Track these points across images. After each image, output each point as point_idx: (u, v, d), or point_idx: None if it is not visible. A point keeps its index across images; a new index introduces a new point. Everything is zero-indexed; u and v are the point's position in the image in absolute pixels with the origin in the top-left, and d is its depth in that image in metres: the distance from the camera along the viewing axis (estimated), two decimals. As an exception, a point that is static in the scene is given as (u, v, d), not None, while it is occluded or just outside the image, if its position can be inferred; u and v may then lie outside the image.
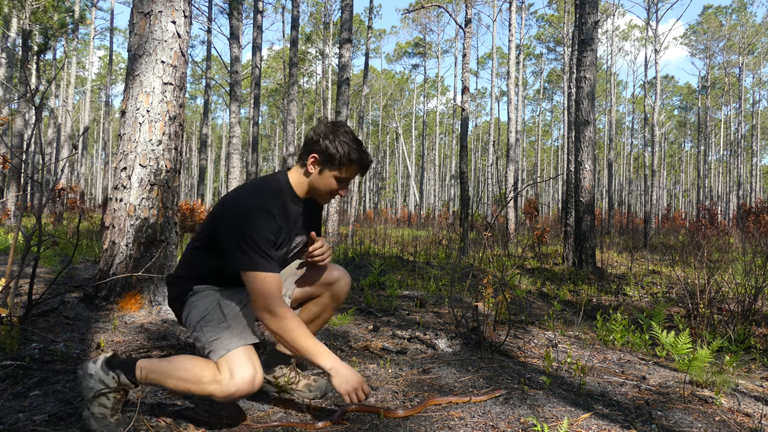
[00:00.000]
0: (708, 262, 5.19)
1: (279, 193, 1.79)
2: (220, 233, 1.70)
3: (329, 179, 1.79)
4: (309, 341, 1.66)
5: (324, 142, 1.75)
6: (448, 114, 47.40)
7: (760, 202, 17.22)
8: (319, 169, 1.78)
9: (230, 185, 10.27)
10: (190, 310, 1.77)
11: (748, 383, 2.61)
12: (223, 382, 1.56)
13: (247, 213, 1.66)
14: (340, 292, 2.01)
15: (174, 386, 1.62)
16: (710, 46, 32.44)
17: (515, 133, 16.69)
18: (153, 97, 3.27)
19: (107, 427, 1.61)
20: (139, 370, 1.65)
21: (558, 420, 1.87)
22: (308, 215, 1.93)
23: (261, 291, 1.64)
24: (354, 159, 1.77)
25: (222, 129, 47.95)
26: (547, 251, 10.53)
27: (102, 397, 1.64)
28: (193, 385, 1.59)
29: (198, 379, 1.58)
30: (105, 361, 1.68)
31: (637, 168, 42.47)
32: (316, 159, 1.77)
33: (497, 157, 25.08)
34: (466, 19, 10.60)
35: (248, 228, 1.64)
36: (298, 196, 1.84)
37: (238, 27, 10.81)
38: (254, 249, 1.64)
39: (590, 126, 7.35)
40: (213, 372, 1.59)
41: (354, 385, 1.66)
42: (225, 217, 1.70)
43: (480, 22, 35.34)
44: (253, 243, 1.63)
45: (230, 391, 1.55)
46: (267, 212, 1.69)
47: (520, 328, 3.44)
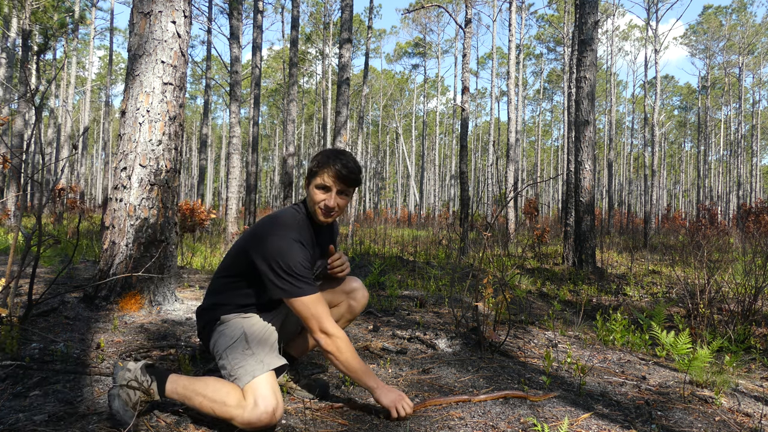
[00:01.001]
0: (708, 262, 5.19)
1: (302, 219, 1.92)
2: (257, 266, 1.79)
3: (313, 191, 1.89)
4: (359, 363, 1.80)
5: (309, 164, 1.92)
6: (448, 114, 47.41)
7: (760, 202, 17.22)
8: (306, 185, 1.93)
9: (230, 185, 10.26)
10: (217, 339, 1.86)
11: (748, 383, 2.61)
12: (246, 408, 1.62)
13: (282, 247, 1.77)
14: (357, 303, 2.09)
15: (199, 405, 1.68)
16: (710, 46, 32.44)
17: (515, 133, 16.70)
18: (153, 97, 3.27)
19: (126, 412, 1.68)
20: (170, 382, 1.74)
21: (558, 420, 1.87)
22: (324, 237, 2.05)
23: (312, 314, 1.76)
24: (324, 162, 1.85)
25: (222, 129, 47.95)
26: (547, 251, 10.53)
27: (130, 390, 1.71)
28: (217, 406, 1.65)
29: (224, 401, 1.65)
30: (145, 364, 1.78)
31: (637, 168, 42.47)
32: (306, 180, 1.93)
33: (497, 157, 25.08)
34: (466, 19, 10.60)
35: (287, 259, 1.75)
36: (312, 219, 1.96)
37: (238, 27, 10.81)
38: (296, 277, 1.75)
39: (590, 126, 7.35)
40: (238, 397, 1.66)
41: (392, 399, 1.81)
42: (263, 253, 1.78)
43: (480, 22, 35.33)
44: (293, 272, 1.75)
45: (251, 419, 1.61)
46: (299, 243, 1.81)
47: (520, 328, 3.44)
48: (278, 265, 1.74)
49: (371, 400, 2.03)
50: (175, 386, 1.73)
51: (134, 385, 1.71)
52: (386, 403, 1.80)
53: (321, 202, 1.87)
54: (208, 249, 9.07)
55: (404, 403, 1.81)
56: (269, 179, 53.07)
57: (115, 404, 1.68)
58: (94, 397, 1.91)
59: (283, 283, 1.75)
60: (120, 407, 1.68)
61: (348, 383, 2.19)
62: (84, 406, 1.83)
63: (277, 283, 1.75)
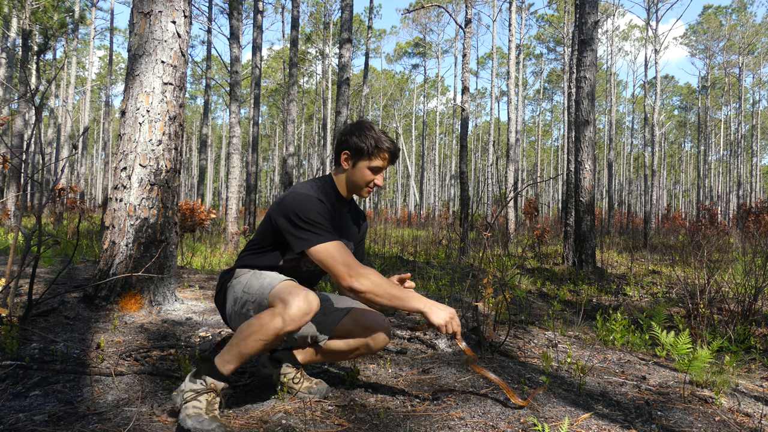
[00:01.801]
0: (708, 262, 5.19)
1: (325, 186, 1.95)
2: (279, 225, 1.81)
3: (363, 171, 1.91)
4: (399, 290, 1.75)
5: (352, 138, 1.90)
6: (448, 114, 47.41)
7: (760, 202, 17.22)
8: (353, 163, 1.92)
9: (230, 185, 10.26)
10: (231, 294, 1.88)
11: (748, 383, 2.61)
12: (282, 312, 1.61)
13: (301, 200, 1.79)
14: (375, 345, 1.98)
15: (252, 348, 1.66)
16: (710, 46, 32.45)
17: (515, 133, 16.70)
18: (153, 97, 3.27)
19: (201, 423, 1.63)
20: (218, 361, 1.71)
21: (558, 420, 1.87)
22: (357, 223, 2.09)
23: (336, 259, 1.73)
24: (382, 147, 1.89)
25: (222, 129, 47.95)
26: (547, 251, 10.53)
27: (193, 401, 1.68)
28: (262, 334, 1.63)
29: (261, 324, 1.64)
30: (190, 377, 1.74)
31: (637, 168, 42.47)
32: (348, 155, 1.92)
33: (497, 157, 25.08)
34: (466, 19, 10.60)
35: (305, 210, 1.76)
36: (342, 196, 1.98)
37: (238, 27, 10.81)
38: (315, 225, 1.75)
39: (590, 126, 7.35)
40: (270, 312, 1.65)
41: (447, 317, 1.74)
42: (282, 209, 1.81)
43: (480, 22, 35.36)
44: (312, 221, 1.75)
45: (291, 314, 1.60)
46: (318, 199, 1.81)
47: (520, 328, 3.44)
48: (297, 216, 1.75)
49: (371, 400, 2.03)
50: (222, 359, 1.71)
51: (200, 388, 1.69)
52: (437, 322, 1.73)
53: (371, 182, 1.92)
54: (208, 249, 9.07)
55: (454, 322, 1.75)
56: (269, 179, 53.09)
57: (188, 424, 1.63)
58: (94, 397, 1.91)
59: (303, 233, 1.75)
60: (196, 422, 1.62)
61: (348, 382, 2.19)
62: (84, 406, 1.83)
63: (297, 234, 1.76)
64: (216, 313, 3.46)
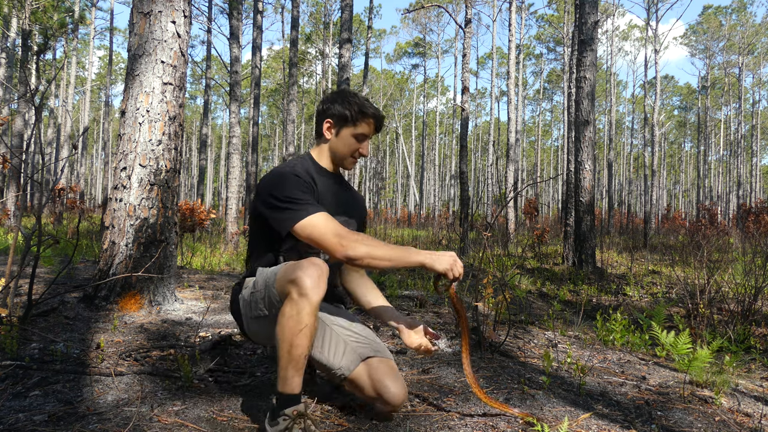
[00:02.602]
0: (708, 262, 5.19)
1: (303, 163, 1.84)
2: (261, 213, 1.73)
3: (348, 139, 1.82)
4: (394, 248, 1.64)
5: (335, 106, 1.81)
6: (448, 114, 47.41)
7: (760, 202, 17.22)
8: (336, 131, 1.83)
9: (230, 185, 10.26)
10: (243, 303, 1.78)
11: (748, 383, 2.61)
12: (299, 291, 1.48)
13: (274, 178, 1.71)
14: (383, 408, 1.75)
15: (300, 345, 1.49)
16: (710, 46, 32.46)
17: (515, 133, 16.70)
18: (153, 97, 3.27)
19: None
20: (281, 388, 1.54)
21: (558, 420, 1.87)
22: (345, 195, 1.92)
23: (325, 230, 1.62)
24: (367, 112, 1.81)
25: (222, 129, 47.94)
26: (547, 251, 10.53)
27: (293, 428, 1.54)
28: (297, 323, 1.48)
29: (290, 316, 1.48)
30: (268, 422, 1.58)
31: (637, 168, 42.47)
32: (330, 123, 1.83)
33: (497, 157, 25.09)
34: (466, 19, 10.60)
35: (281, 188, 1.67)
36: (323, 167, 1.87)
37: (238, 27, 10.81)
38: (294, 201, 1.65)
39: (590, 126, 7.35)
40: (288, 302, 1.51)
41: (450, 262, 1.63)
42: (259, 194, 1.74)
43: (480, 22, 35.38)
44: (290, 198, 1.65)
45: (308, 286, 1.47)
46: (294, 174, 1.72)
47: (520, 328, 3.44)
48: (274, 197, 1.66)
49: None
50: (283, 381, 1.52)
51: (286, 424, 1.52)
52: (442, 269, 1.62)
53: (356, 151, 1.83)
54: (208, 249, 9.07)
55: (458, 264, 1.64)
56: (269, 179, 52.92)
57: None
58: (94, 397, 1.91)
59: (284, 213, 1.65)
60: None
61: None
62: (84, 406, 1.83)
63: (278, 216, 1.66)
64: (216, 313, 3.46)
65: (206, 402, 1.91)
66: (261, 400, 1.98)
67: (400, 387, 1.70)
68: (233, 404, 1.91)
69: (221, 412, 1.84)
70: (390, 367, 1.74)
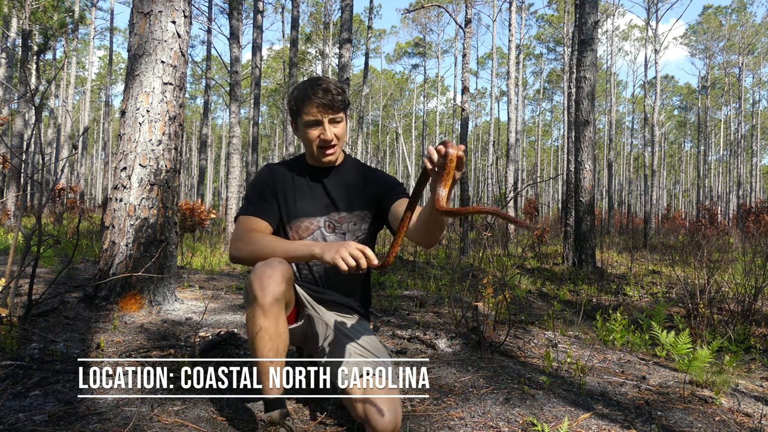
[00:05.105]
0: (708, 262, 5.19)
1: (293, 159, 1.88)
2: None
3: (303, 130, 1.74)
4: (283, 244, 1.56)
5: (288, 104, 1.78)
6: (448, 114, 47.41)
7: (760, 202, 17.22)
8: (295, 127, 1.79)
9: (230, 185, 10.26)
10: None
11: (748, 383, 2.61)
12: (255, 288, 1.47)
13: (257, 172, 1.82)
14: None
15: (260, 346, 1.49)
16: (710, 46, 32.45)
17: (515, 133, 16.69)
18: (153, 97, 3.27)
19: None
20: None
21: (558, 420, 1.87)
22: (342, 189, 1.82)
23: (235, 233, 1.68)
24: (303, 96, 1.68)
25: (222, 129, 47.93)
26: (547, 251, 10.53)
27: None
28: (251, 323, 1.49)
29: (248, 316, 1.50)
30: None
31: (637, 168, 42.46)
32: (291, 121, 1.80)
33: (497, 157, 25.09)
34: (466, 19, 10.60)
35: (250, 183, 1.78)
36: (310, 164, 1.84)
37: (238, 27, 10.81)
38: (247, 197, 1.76)
39: (590, 126, 7.35)
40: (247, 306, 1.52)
41: (335, 251, 1.41)
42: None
43: (480, 22, 35.34)
44: (247, 193, 1.78)
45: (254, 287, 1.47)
46: (268, 166, 1.81)
47: (520, 328, 3.44)
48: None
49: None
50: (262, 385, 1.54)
51: (269, 419, 1.52)
52: (328, 259, 1.42)
53: (317, 139, 1.71)
54: (208, 249, 9.07)
55: (345, 251, 1.39)
56: (269, 179, 52.92)
57: None
58: (94, 397, 1.91)
59: (242, 208, 1.75)
60: None
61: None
62: (84, 406, 1.83)
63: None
64: (216, 313, 3.46)
65: (206, 402, 1.91)
66: (260, 401, 1.98)
67: (392, 416, 1.48)
68: (233, 404, 1.92)
69: (221, 412, 1.84)
70: (387, 390, 1.56)
